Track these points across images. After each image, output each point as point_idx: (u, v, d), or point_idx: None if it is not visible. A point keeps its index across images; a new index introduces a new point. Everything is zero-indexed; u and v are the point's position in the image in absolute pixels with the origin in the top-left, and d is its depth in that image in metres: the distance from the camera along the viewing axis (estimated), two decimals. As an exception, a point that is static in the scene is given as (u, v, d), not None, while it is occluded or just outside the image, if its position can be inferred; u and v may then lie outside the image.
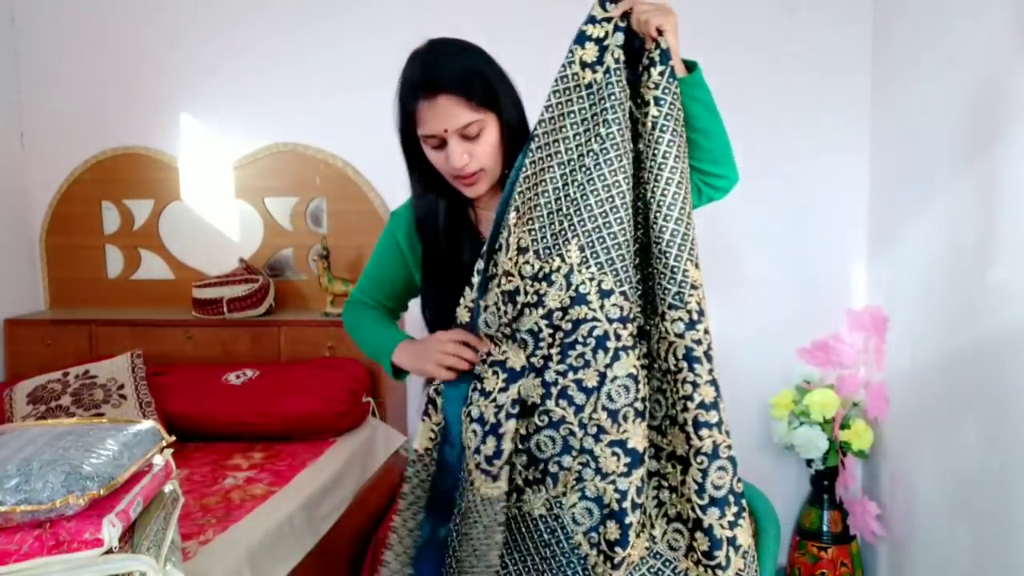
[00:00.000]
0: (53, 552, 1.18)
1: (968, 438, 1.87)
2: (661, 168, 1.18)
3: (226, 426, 2.56)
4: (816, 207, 2.65)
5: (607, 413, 1.21)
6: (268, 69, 2.91)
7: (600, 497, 1.22)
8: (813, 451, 2.46)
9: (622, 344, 1.21)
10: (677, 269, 1.19)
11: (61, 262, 3.13)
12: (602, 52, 1.19)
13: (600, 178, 1.19)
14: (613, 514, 1.21)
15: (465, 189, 1.33)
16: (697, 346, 1.19)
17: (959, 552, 1.91)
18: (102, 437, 1.33)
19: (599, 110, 1.20)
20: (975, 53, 1.84)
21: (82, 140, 3.04)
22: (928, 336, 2.12)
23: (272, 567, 1.90)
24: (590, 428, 1.22)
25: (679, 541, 1.26)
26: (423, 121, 1.28)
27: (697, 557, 1.23)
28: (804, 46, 2.61)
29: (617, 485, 1.21)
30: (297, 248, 3.00)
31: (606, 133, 1.19)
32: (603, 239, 1.20)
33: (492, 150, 1.30)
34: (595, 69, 1.20)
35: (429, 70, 1.27)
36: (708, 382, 1.19)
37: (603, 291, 1.20)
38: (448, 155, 1.28)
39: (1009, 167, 1.68)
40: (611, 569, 1.22)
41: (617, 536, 1.21)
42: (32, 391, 2.57)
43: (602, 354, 1.21)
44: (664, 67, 1.18)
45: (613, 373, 1.20)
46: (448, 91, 1.25)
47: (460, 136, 1.27)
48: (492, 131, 1.29)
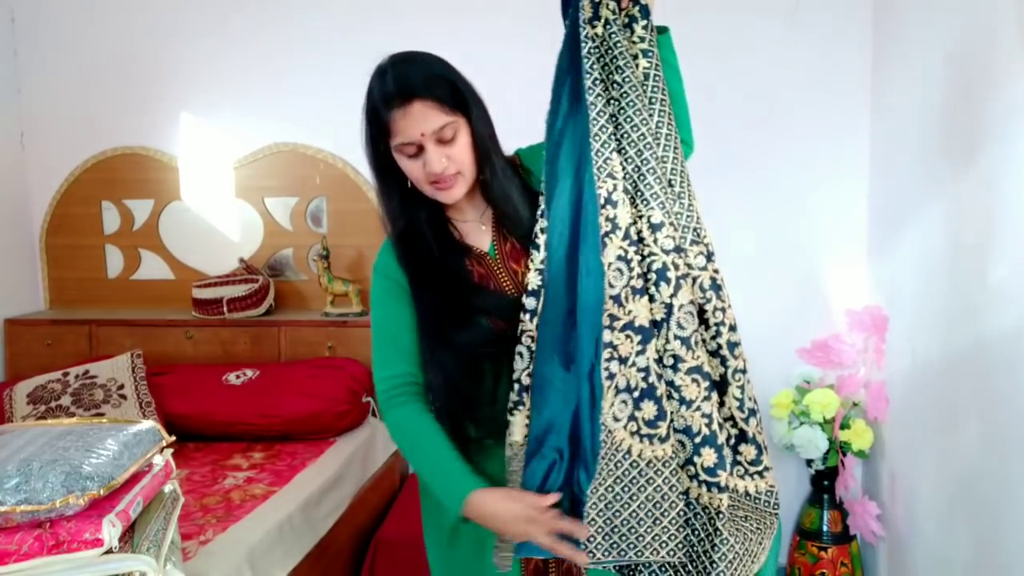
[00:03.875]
0: (53, 552, 1.19)
1: (968, 438, 1.87)
2: (661, 115, 1.26)
3: (226, 426, 2.56)
4: (816, 207, 2.65)
5: (680, 341, 1.23)
6: (268, 69, 2.91)
7: (688, 427, 1.24)
8: (813, 451, 2.46)
9: (681, 273, 1.25)
10: (692, 207, 1.27)
11: (61, 262, 3.13)
12: (596, 6, 1.26)
13: (627, 120, 1.25)
14: (705, 440, 1.23)
15: (442, 194, 1.33)
16: (717, 275, 1.28)
17: (959, 552, 1.91)
18: (102, 437, 1.33)
19: (609, 59, 1.26)
20: (975, 53, 1.84)
21: (82, 140, 3.04)
22: (928, 336, 2.12)
23: (272, 567, 1.90)
24: (666, 360, 1.24)
25: (725, 461, 1.27)
26: (398, 130, 1.29)
27: (744, 469, 1.29)
28: (804, 46, 2.61)
29: (703, 410, 1.23)
30: (297, 248, 3.00)
31: (622, 78, 1.25)
32: (644, 176, 1.25)
33: (467, 152, 1.31)
34: (595, 24, 1.26)
35: (401, 79, 1.28)
36: (729, 306, 1.29)
37: (653, 225, 1.24)
38: (426, 161, 1.28)
39: (1009, 167, 1.68)
40: (718, 493, 1.23)
41: (714, 461, 1.23)
42: (32, 391, 2.57)
43: (665, 285, 1.23)
44: (646, 21, 1.27)
45: (679, 301, 1.24)
46: (421, 96, 1.26)
47: (436, 140, 1.28)
48: (465, 134, 1.30)
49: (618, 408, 1.21)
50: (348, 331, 2.76)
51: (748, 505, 1.30)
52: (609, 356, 1.20)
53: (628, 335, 1.22)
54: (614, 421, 1.21)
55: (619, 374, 1.21)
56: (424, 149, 1.28)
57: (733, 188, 2.62)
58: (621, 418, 1.21)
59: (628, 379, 1.22)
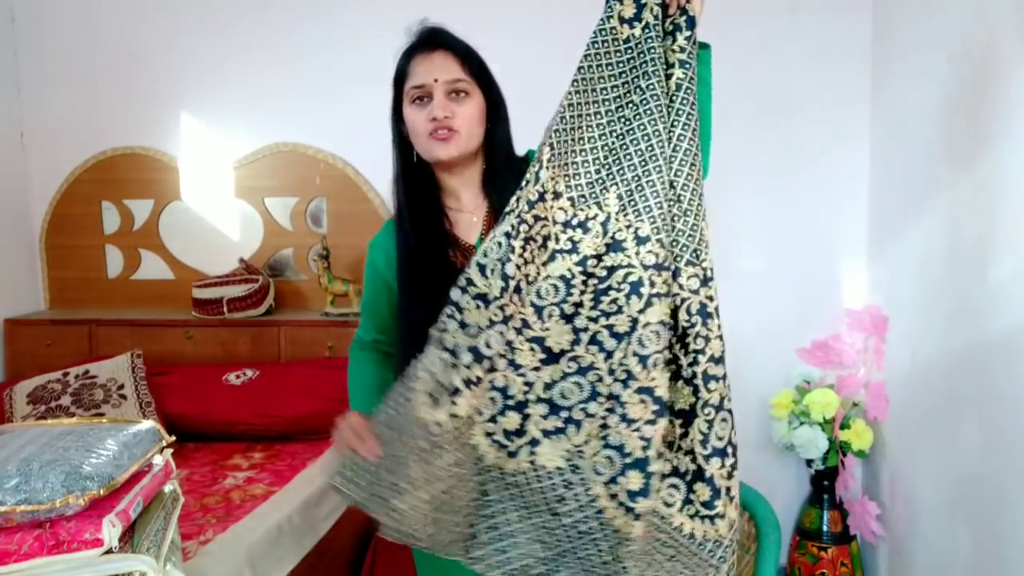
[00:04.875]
0: (53, 552, 1.18)
1: (968, 438, 1.87)
2: (685, 128, 1.24)
3: (226, 426, 2.56)
4: (816, 207, 2.65)
5: (637, 359, 1.21)
6: (268, 69, 2.91)
7: (623, 445, 1.20)
8: (813, 451, 2.46)
9: (656, 291, 1.21)
10: (697, 227, 1.24)
11: (61, 262, 3.13)
12: (640, 8, 1.23)
13: (640, 128, 1.23)
14: (636, 463, 1.20)
15: (438, 145, 1.35)
16: (709, 302, 1.24)
17: (959, 552, 1.91)
18: (102, 437, 1.33)
19: (638, 63, 1.24)
20: (975, 52, 1.84)
21: (82, 140, 3.04)
22: (928, 336, 2.12)
23: (272, 567, 1.90)
24: (619, 374, 1.21)
25: (674, 496, 1.25)
26: (414, 74, 1.35)
27: (695, 509, 1.25)
28: (804, 45, 2.61)
29: (642, 432, 1.20)
30: (297, 248, 3.00)
31: (646, 85, 1.23)
32: (641, 187, 1.23)
33: (472, 119, 1.35)
34: (633, 25, 1.24)
35: (430, 32, 1.37)
36: (718, 336, 1.24)
37: (640, 238, 1.22)
38: (431, 107, 1.33)
39: (1009, 166, 1.68)
40: (632, 520, 1.20)
41: (640, 486, 1.20)
42: (32, 391, 2.57)
43: (636, 299, 1.21)
44: (690, 33, 1.24)
45: (646, 319, 1.21)
46: (446, 48, 1.34)
47: (446, 92, 1.33)
48: (476, 102, 1.35)
49: (485, 402, 1.22)
50: (348, 331, 2.73)
51: (685, 546, 1.26)
52: (502, 354, 1.21)
53: (532, 348, 1.23)
54: (479, 415, 1.23)
55: (502, 374, 1.22)
56: (432, 97, 1.33)
57: (733, 188, 2.61)
58: (482, 413, 1.23)
59: (509, 383, 1.22)
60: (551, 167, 1.24)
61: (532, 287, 1.23)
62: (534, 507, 1.25)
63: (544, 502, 1.24)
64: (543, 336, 1.23)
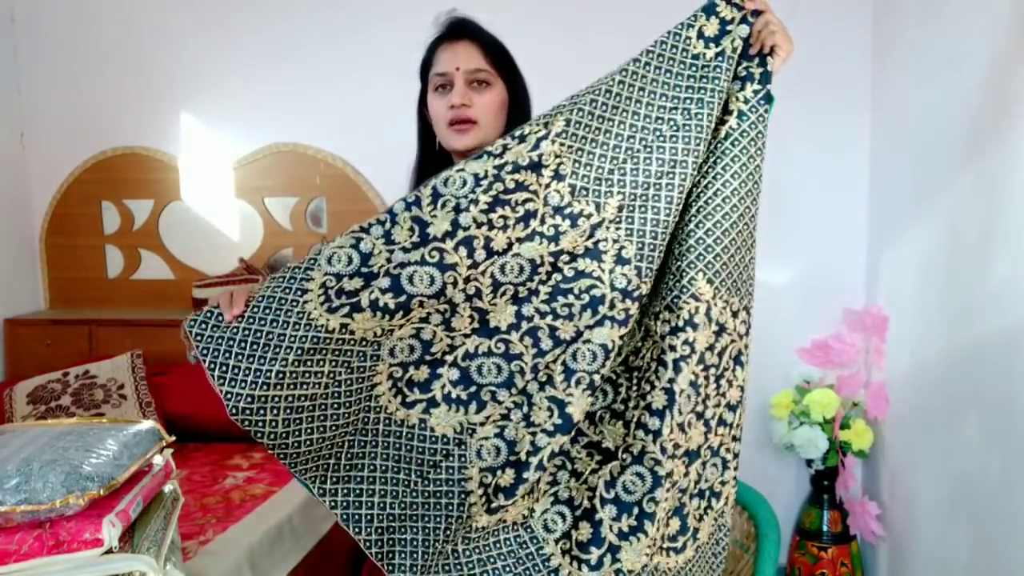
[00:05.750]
0: (53, 552, 1.18)
1: (968, 438, 1.87)
2: (715, 178, 1.19)
3: (226, 426, 2.53)
4: (816, 207, 2.65)
5: (564, 369, 1.17)
6: (268, 69, 2.90)
7: (514, 442, 1.18)
8: (813, 451, 2.46)
9: (612, 314, 1.16)
10: (685, 275, 1.19)
11: (61, 262, 3.12)
12: (723, 33, 1.18)
13: (671, 150, 1.17)
14: (516, 463, 1.18)
15: (455, 135, 1.36)
16: (670, 351, 1.18)
17: (959, 552, 1.91)
18: (102, 437, 1.33)
19: (697, 87, 1.18)
20: (975, 53, 1.84)
21: (82, 140, 3.04)
22: (928, 336, 2.12)
23: (272, 567, 1.90)
24: (541, 375, 1.18)
25: (556, 524, 1.22)
26: (437, 62, 1.37)
27: (569, 546, 1.20)
28: (804, 46, 2.59)
29: (536, 440, 1.17)
30: (297, 248, 3.00)
31: (695, 112, 1.17)
32: (645, 208, 1.17)
33: (493, 110, 1.36)
34: (709, 46, 1.18)
35: (457, 22, 1.40)
36: (662, 389, 1.18)
37: (621, 257, 1.17)
38: (451, 95, 1.35)
39: (1009, 167, 1.68)
40: (486, 513, 1.19)
41: (509, 483, 1.18)
42: (32, 391, 2.57)
43: (588, 314, 1.16)
44: (761, 87, 1.19)
45: (590, 335, 1.16)
46: (471, 38, 1.36)
47: (468, 81, 1.35)
48: (498, 92, 1.37)
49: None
50: (348, 331, 2.76)
51: (537, 567, 1.23)
52: (441, 310, 1.17)
53: (472, 316, 1.19)
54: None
55: (432, 327, 1.18)
56: (453, 85, 1.35)
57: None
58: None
59: (435, 340, 1.19)
60: (559, 142, 1.16)
61: (497, 259, 1.15)
62: (404, 462, 1.20)
63: (418, 462, 1.20)
64: (488, 309, 1.18)
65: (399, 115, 1.60)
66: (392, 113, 1.74)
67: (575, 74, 1.43)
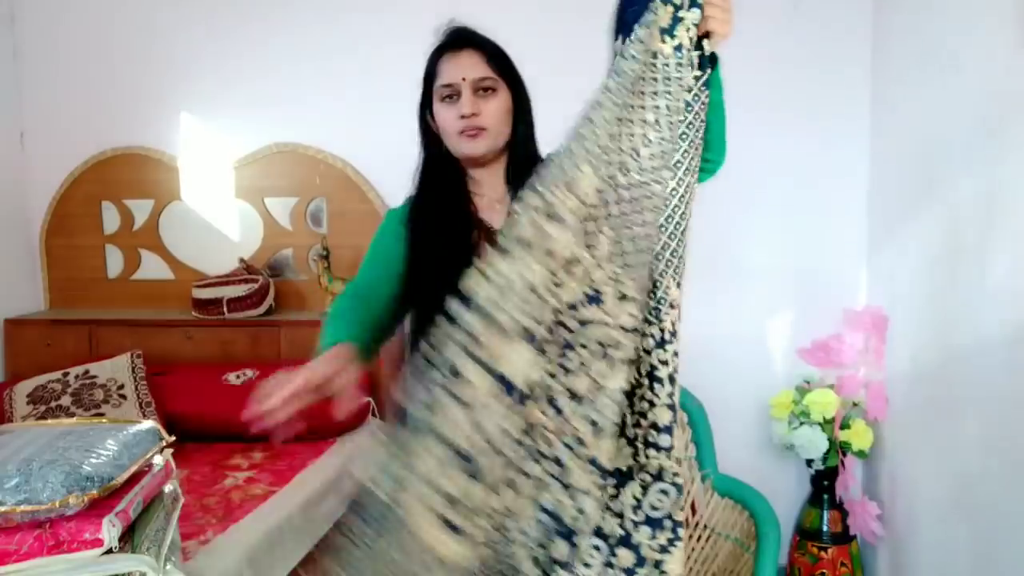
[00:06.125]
0: (53, 552, 1.19)
1: (968, 438, 1.87)
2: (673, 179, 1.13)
3: (226, 426, 2.55)
4: (816, 207, 2.65)
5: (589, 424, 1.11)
6: (268, 69, 2.90)
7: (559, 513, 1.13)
8: (813, 451, 2.46)
9: (623, 355, 1.11)
10: (660, 284, 1.13)
11: (61, 262, 3.12)
12: (675, 21, 1.09)
13: (629, 138, 1.10)
14: (568, 533, 1.13)
15: (466, 143, 1.38)
16: (662, 366, 1.14)
17: (959, 552, 1.91)
18: (102, 437, 1.33)
19: (662, 90, 1.10)
20: (975, 52, 1.84)
21: (82, 140, 3.04)
22: (928, 336, 2.12)
23: (272, 567, 1.90)
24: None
25: (594, 558, 1.17)
26: (442, 73, 1.39)
27: (614, 574, 1.17)
28: (804, 45, 2.61)
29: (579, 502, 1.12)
30: (297, 248, 3.00)
31: (663, 119, 1.10)
32: (632, 232, 1.11)
33: (500, 115, 1.38)
34: (664, 39, 1.09)
35: (458, 32, 1.41)
36: (665, 405, 1.14)
37: (623, 295, 1.11)
38: (459, 105, 1.36)
39: (1009, 167, 1.68)
40: None
41: (564, 555, 1.14)
42: (32, 391, 2.57)
43: (604, 364, 1.10)
44: (702, 74, 1.12)
45: (606, 383, 1.11)
46: (473, 47, 1.39)
47: (474, 89, 1.37)
48: (504, 98, 1.39)
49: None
50: (348, 331, 2.75)
51: None
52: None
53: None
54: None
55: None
56: (460, 95, 1.37)
57: (733, 187, 2.61)
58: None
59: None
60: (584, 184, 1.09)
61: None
62: None
63: None
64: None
65: (399, 115, 1.60)
66: (392, 113, 1.74)
67: (575, 74, 1.43)
